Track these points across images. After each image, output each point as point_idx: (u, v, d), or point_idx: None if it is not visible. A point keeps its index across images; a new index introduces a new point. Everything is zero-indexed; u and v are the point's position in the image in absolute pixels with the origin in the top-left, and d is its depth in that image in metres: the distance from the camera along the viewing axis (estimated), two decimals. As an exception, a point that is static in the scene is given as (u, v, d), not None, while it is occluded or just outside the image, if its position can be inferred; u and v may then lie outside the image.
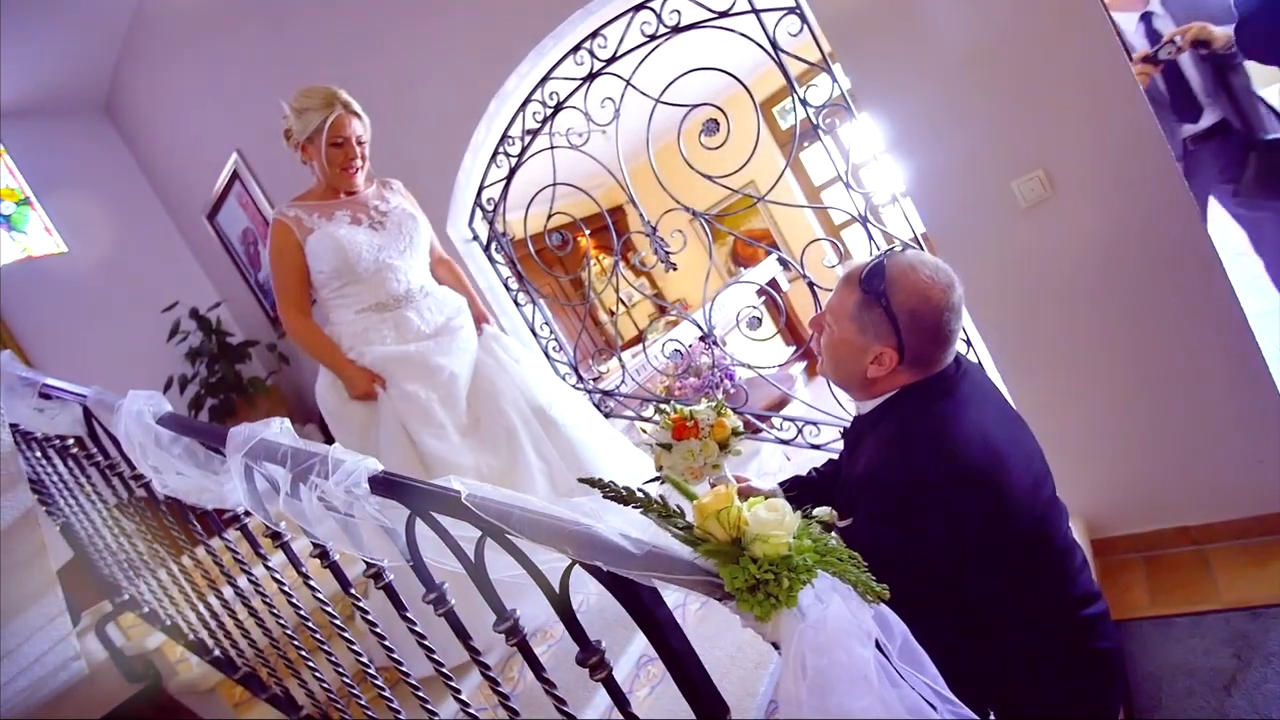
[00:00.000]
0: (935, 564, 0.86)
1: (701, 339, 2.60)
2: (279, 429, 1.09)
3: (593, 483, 0.65)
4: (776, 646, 0.59)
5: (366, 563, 0.98)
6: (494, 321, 2.08)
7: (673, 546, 0.62)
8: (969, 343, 1.89)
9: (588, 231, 2.55)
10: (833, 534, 1.03)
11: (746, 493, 1.24)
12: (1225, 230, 4.56)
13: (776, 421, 2.47)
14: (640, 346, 2.75)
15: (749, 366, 2.65)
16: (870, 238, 1.94)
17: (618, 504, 0.63)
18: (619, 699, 0.78)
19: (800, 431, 2.38)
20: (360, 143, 1.79)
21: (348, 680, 1.28)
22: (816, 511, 1.07)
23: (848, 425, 1.14)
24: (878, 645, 0.63)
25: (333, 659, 1.26)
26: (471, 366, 1.85)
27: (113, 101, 4.04)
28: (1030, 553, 0.92)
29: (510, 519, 0.74)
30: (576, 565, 0.71)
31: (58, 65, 3.59)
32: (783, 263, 4.77)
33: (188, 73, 3.52)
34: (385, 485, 0.87)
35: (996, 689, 0.93)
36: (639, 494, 0.61)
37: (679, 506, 0.63)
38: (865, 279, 0.93)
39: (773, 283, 4.60)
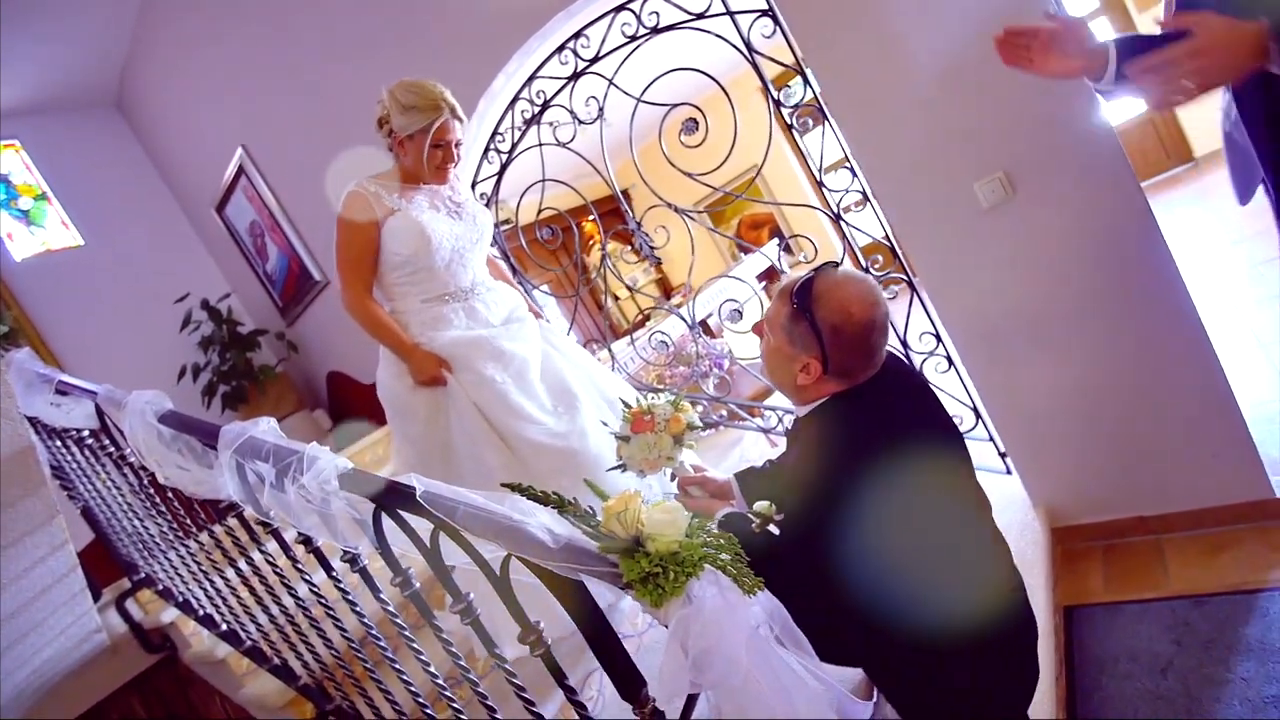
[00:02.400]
0: (851, 557, 0.94)
1: (690, 329, 2.68)
2: (266, 427, 1.19)
3: (514, 487, 0.74)
4: (671, 629, 0.68)
5: (344, 550, 1.08)
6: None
7: (585, 542, 0.70)
8: (938, 336, 1.95)
9: (572, 224, 2.61)
10: (770, 525, 1.12)
11: (700, 483, 1.33)
12: (1219, 219, 4.49)
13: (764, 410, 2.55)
14: (631, 337, 2.83)
15: (734, 359, 2.72)
16: (844, 236, 2.00)
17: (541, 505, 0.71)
18: (557, 674, 0.87)
19: (781, 420, 2.45)
20: (458, 144, 1.77)
21: (337, 654, 1.40)
22: (757, 505, 1.16)
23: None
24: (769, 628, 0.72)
25: (324, 636, 1.38)
26: (539, 357, 1.81)
27: (123, 97, 4.15)
28: (950, 546, 1.00)
29: (456, 514, 0.83)
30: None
31: (69, 62, 3.70)
32: (785, 247, 4.81)
33: (194, 68, 3.61)
34: (352, 481, 0.97)
35: (912, 674, 1.01)
36: (554, 496, 0.70)
37: (591, 508, 0.71)
38: (796, 293, 1.00)
39: (770, 270, 4.64)
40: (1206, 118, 5.37)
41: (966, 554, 1.01)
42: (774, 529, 1.13)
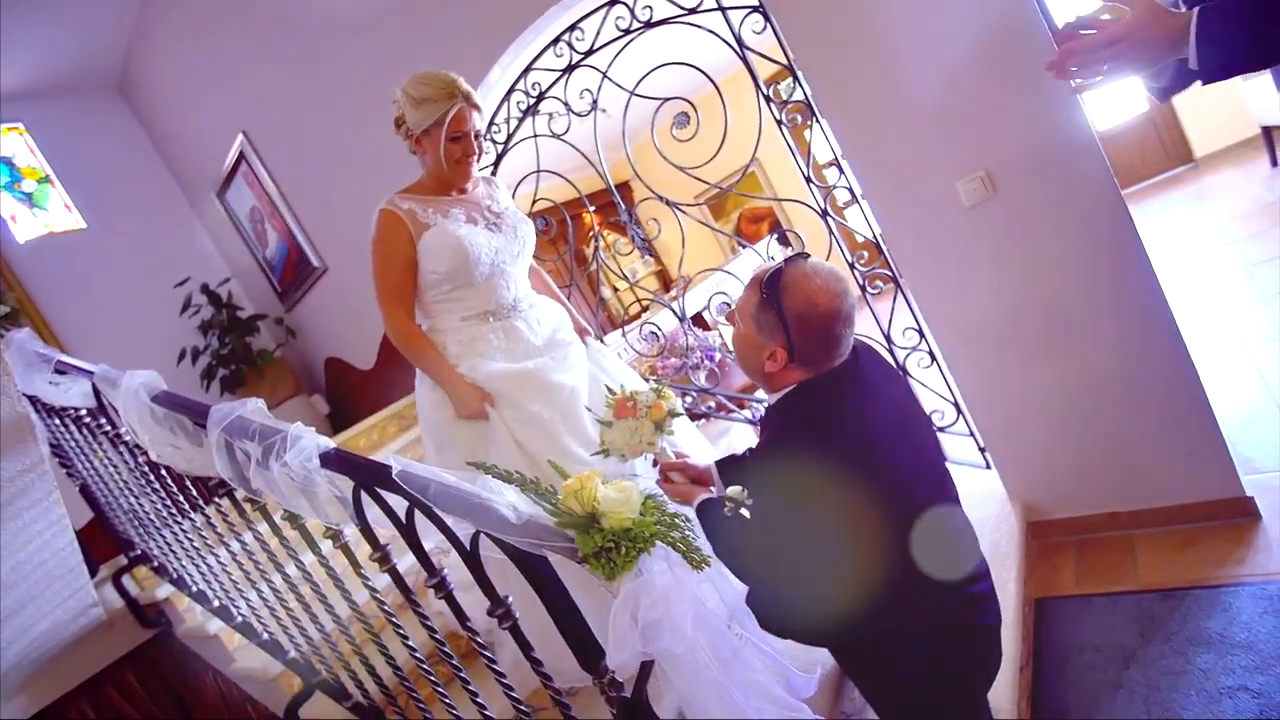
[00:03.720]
0: (806, 539, 0.97)
1: (681, 321, 2.70)
2: (254, 407, 1.23)
3: (478, 465, 0.77)
4: (625, 602, 0.71)
5: (326, 526, 1.13)
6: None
7: (546, 518, 0.74)
8: (921, 332, 1.98)
9: (566, 215, 2.63)
10: (741, 509, 1.16)
11: (681, 468, 1.36)
12: (1215, 221, 4.51)
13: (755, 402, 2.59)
14: (623, 330, 2.86)
15: (726, 352, 2.75)
16: (831, 232, 2.02)
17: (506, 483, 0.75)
18: (524, 646, 0.91)
19: (768, 414, 2.48)
20: (478, 136, 1.66)
21: (326, 633, 1.45)
22: (730, 490, 1.19)
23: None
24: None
25: (311, 613, 1.43)
26: (587, 383, 1.70)
27: (125, 81, 4.17)
28: (900, 532, 1.03)
29: (428, 492, 0.87)
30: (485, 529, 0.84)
31: (72, 46, 3.72)
32: (782, 241, 4.84)
33: (195, 54, 3.63)
34: (333, 460, 1.01)
35: (872, 656, 1.05)
36: (516, 475, 0.73)
37: (553, 486, 0.75)
38: (765, 283, 1.04)
39: (767, 265, 4.67)
40: (1208, 119, 5.36)
41: (920, 541, 1.05)
42: (745, 513, 1.16)
